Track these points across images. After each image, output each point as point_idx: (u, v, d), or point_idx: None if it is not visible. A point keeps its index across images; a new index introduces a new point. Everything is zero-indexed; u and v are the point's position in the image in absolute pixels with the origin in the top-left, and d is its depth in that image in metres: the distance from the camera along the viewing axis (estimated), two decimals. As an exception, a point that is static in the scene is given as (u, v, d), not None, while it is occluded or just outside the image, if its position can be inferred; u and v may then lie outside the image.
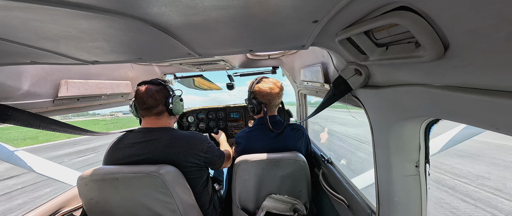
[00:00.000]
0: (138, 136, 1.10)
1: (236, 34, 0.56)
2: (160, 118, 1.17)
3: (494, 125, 0.34)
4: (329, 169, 1.37)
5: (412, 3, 0.34)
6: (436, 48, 0.36)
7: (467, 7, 0.28)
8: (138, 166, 1.00)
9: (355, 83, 0.73)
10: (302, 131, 1.43)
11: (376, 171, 0.78)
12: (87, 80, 1.16)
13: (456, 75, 0.38)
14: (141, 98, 1.10)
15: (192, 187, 1.11)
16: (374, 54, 0.56)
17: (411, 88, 0.51)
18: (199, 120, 2.60)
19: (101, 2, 0.29)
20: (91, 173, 0.97)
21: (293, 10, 0.41)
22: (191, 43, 0.59)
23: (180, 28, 0.44)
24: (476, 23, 0.29)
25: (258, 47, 0.71)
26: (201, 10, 0.34)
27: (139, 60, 0.71)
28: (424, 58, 0.39)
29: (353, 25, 0.50)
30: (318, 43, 0.71)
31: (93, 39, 0.46)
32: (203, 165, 1.16)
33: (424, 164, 0.64)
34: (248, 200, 1.38)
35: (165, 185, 0.96)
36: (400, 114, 0.60)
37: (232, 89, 2.35)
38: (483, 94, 0.34)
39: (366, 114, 0.77)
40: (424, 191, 0.67)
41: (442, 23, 0.33)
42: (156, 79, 1.19)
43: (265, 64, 1.99)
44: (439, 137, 1.27)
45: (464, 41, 0.32)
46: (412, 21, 0.35)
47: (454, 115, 0.43)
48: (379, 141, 0.73)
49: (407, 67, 0.49)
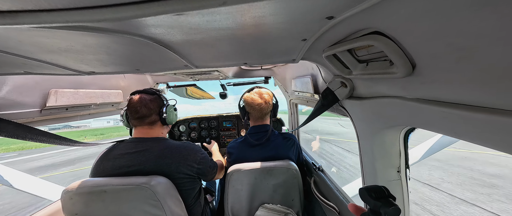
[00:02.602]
0: (129, 146, 1.08)
1: (232, 50, 0.60)
2: (153, 128, 1.16)
3: (456, 133, 0.40)
4: (321, 177, 1.40)
5: (383, 29, 0.40)
6: (406, 66, 0.42)
7: (424, 35, 0.34)
8: (128, 177, 0.97)
9: (341, 94, 0.79)
10: (293, 140, 1.47)
11: (363, 178, 0.82)
12: (78, 89, 1.15)
13: (424, 89, 0.45)
14: (134, 108, 1.09)
15: (184, 199, 1.09)
16: (357, 69, 0.62)
17: (389, 100, 0.57)
18: (191, 129, 2.58)
19: (111, 26, 0.32)
20: (77, 186, 0.93)
21: (285, 30, 0.47)
22: (189, 57, 0.63)
23: (181, 44, 0.48)
24: (432, 48, 0.35)
25: (252, 61, 0.76)
26: (204, 30, 0.38)
27: (136, 71, 0.72)
28: (397, 74, 0.45)
29: (337, 44, 0.56)
30: (307, 58, 0.77)
31: (95, 53, 0.48)
32: (196, 176, 1.15)
33: (405, 169, 0.70)
34: (241, 210, 1.36)
35: (156, 197, 0.94)
36: (382, 123, 0.66)
37: (225, 98, 2.38)
38: (445, 106, 0.40)
39: (353, 123, 0.83)
40: (406, 195, 0.72)
41: (408, 46, 0.39)
42: (150, 88, 1.19)
43: (258, 74, 2.05)
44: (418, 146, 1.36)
45: (427, 62, 0.39)
46: (384, 44, 0.41)
47: (426, 125, 0.49)
48: (364, 148, 0.78)
49: (385, 81, 0.56)
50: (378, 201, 0.41)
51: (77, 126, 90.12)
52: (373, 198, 0.43)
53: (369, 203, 0.43)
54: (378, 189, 0.45)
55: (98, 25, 0.30)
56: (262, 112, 1.43)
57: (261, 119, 1.46)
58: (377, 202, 0.42)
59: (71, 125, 77.55)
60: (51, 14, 0.23)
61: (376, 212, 0.41)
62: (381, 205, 0.40)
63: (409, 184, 0.71)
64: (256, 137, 1.42)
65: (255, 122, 1.48)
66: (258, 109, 1.42)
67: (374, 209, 0.41)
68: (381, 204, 0.41)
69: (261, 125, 1.46)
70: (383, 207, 0.40)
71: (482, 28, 0.26)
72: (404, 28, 0.36)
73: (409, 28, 0.35)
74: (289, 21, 0.39)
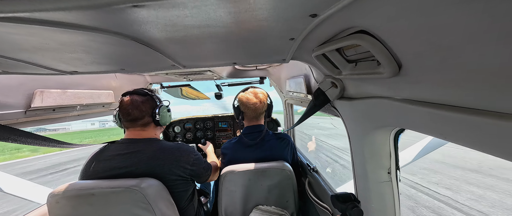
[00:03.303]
0: (121, 147, 1.06)
1: (219, 49, 0.59)
2: (146, 129, 1.13)
3: (442, 134, 0.39)
4: (315, 178, 1.39)
5: (369, 28, 0.39)
6: (392, 66, 0.41)
7: (408, 34, 0.33)
8: (117, 180, 0.95)
9: (332, 95, 0.78)
10: (287, 140, 1.46)
11: (355, 179, 0.81)
12: (65, 89, 1.12)
13: (411, 90, 0.44)
14: (126, 110, 1.07)
15: (176, 202, 1.07)
16: (346, 69, 0.61)
17: (378, 100, 0.57)
18: (186, 130, 2.55)
19: (81, 20, 0.30)
20: (64, 189, 0.90)
21: (270, 28, 0.45)
22: (174, 56, 0.61)
23: (162, 42, 0.46)
24: (416, 48, 0.34)
25: (241, 60, 0.75)
26: (181, 27, 0.36)
27: (122, 71, 0.70)
28: (384, 74, 0.44)
29: (325, 43, 0.55)
30: (298, 57, 0.76)
31: (73, 51, 0.46)
32: (189, 178, 1.13)
33: (395, 170, 0.69)
34: (235, 212, 1.35)
35: (146, 200, 0.92)
36: (372, 124, 0.65)
37: (220, 98, 2.36)
38: (431, 107, 0.39)
39: (344, 124, 0.82)
40: (396, 196, 0.71)
41: (393, 45, 0.38)
42: (142, 89, 1.16)
43: (253, 74, 2.04)
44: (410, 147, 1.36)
45: (412, 62, 0.38)
46: (370, 43, 0.40)
47: (413, 126, 0.48)
48: (356, 149, 0.77)
49: (373, 81, 0.55)
50: (344, 204, 0.54)
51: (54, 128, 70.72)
52: (340, 202, 0.55)
53: (337, 207, 0.55)
54: (346, 195, 0.59)
55: (54, 17, 0.28)
56: (256, 112, 1.42)
57: (255, 119, 1.45)
58: (343, 205, 0.54)
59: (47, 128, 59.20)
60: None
61: (343, 215, 0.52)
62: (346, 208, 0.53)
63: (400, 186, 0.70)
64: (251, 137, 1.41)
65: (250, 122, 1.47)
66: (253, 109, 1.40)
67: (342, 212, 0.53)
68: (346, 207, 0.53)
69: (256, 125, 1.45)
70: (348, 210, 0.53)
71: (467, 27, 0.25)
72: (388, 26, 0.35)
73: (393, 26, 0.34)
74: (272, 18, 0.38)
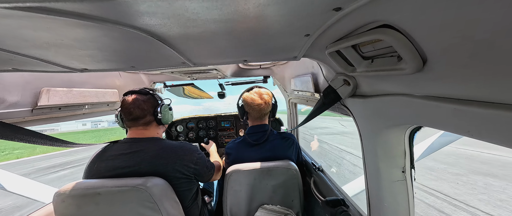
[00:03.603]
0: (124, 147, 1.05)
1: (231, 45, 0.58)
2: (148, 128, 1.13)
3: (468, 131, 0.38)
4: (320, 177, 1.38)
5: (394, 22, 0.38)
6: (416, 62, 0.40)
7: (437, 27, 0.32)
8: (123, 179, 0.94)
9: (344, 93, 0.77)
10: (292, 139, 1.45)
11: (366, 177, 0.80)
12: (71, 88, 1.11)
13: (434, 86, 0.43)
14: (127, 109, 1.06)
15: (181, 201, 1.06)
16: (361, 66, 0.60)
17: (394, 97, 0.56)
18: (189, 129, 2.54)
19: (102, 13, 0.29)
20: (70, 188, 0.90)
21: (287, 25, 0.44)
22: (186, 53, 0.60)
23: (178, 38, 0.45)
24: (445, 41, 0.33)
25: (251, 58, 0.74)
26: (201, 23, 0.35)
27: (131, 68, 0.69)
28: (405, 70, 0.43)
29: (341, 39, 0.54)
30: (309, 55, 0.75)
31: (85, 47, 0.45)
32: (193, 177, 1.12)
33: (410, 169, 0.68)
34: (240, 211, 1.34)
35: (153, 199, 0.91)
36: (386, 122, 0.64)
37: (223, 98, 2.35)
38: (456, 103, 0.38)
39: (355, 122, 0.81)
40: (411, 196, 0.70)
41: (419, 40, 0.37)
42: (143, 88, 1.16)
43: (256, 73, 2.03)
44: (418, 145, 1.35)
45: (438, 57, 0.37)
46: (394, 38, 0.39)
47: (433, 123, 0.47)
48: (367, 148, 0.76)
49: (391, 78, 0.54)
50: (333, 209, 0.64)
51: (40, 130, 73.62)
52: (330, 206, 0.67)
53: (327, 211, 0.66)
54: (336, 200, 0.71)
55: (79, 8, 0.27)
56: (261, 112, 1.41)
57: (260, 119, 1.45)
58: (333, 210, 0.65)
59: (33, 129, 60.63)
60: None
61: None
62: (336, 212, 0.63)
63: (414, 185, 0.69)
64: (255, 137, 1.40)
65: (254, 122, 1.46)
66: (257, 110, 1.40)
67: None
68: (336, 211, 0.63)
69: (260, 125, 1.44)
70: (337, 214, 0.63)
71: (501, 18, 0.24)
72: (416, 20, 0.34)
73: (421, 19, 0.33)
74: (292, 12, 0.37)
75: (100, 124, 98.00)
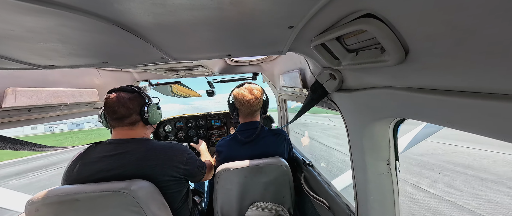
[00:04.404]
0: (108, 148, 0.99)
1: (212, 38, 0.55)
2: (134, 128, 1.07)
3: (450, 122, 0.38)
4: (310, 173, 1.39)
5: (376, 11, 0.37)
6: (399, 53, 0.39)
7: (418, 16, 0.31)
8: (105, 183, 0.89)
9: (330, 87, 0.76)
10: (283, 135, 1.44)
11: (353, 171, 0.81)
12: (42, 87, 1.02)
13: (416, 77, 0.42)
14: (111, 107, 1.00)
15: (170, 203, 1.02)
16: (346, 59, 0.59)
17: (379, 90, 0.55)
18: (178, 129, 2.47)
19: None
20: (44, 195, 0.83)
21: (268, 14, 0.42)
22: (164, 47, 0.56)
23: (151, 29, 0.41)
24: (429, 29, 0.32)
25: (236, 52, 0.71)
26: (172, 9, 0.32)
27: (104, 64, 0.64)
28: (388, 62, 0.43)
29: (326, 31, 0.53)
30: (295, 49, 0.73)
31: (45, 40, 0.40)
32: (183, 178, 1.08)
33: (394, 161, 0.69)
34: (231, 210, 1.32)
35: (137, 202, 0.87)
36: (372, 115, 0.64)
37: (212, 95, 2.30)
38: (438, 94, 0.38)
39: (342, 117, 0.81)
40: (396, 187, 0.71)
41: (402, 29, 0.36)
42: (129, 86, 1.09)
43: (245, 70, 2.00)
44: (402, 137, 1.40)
45: (421, 47, 0.36)
46: (377, 28, 0.38)
47: (416, 114, 0.47)
48: (354, 142, 0.76)
49: (375, 71, 0.53)
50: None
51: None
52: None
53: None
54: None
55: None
56: (252, 108, 1.39)
57: (251, 115, 1.43)
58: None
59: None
60: None
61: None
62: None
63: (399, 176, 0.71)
64: (246, 134, 1.38)
65: (245, 118, 1.44)
66: (247, 106, 1.37)
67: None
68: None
69: (251, 122, 1.43)
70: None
71: (483, 4, 0.24)
72: (397, 8, 0.33)
73: (403, 8, 0.32)
74: (272, 0, 0.34)
75: (57, 127, 79.54)
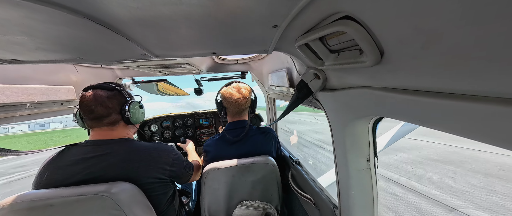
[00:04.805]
0: (85, 150, 0.93)
1: (195, 35, 0.54)
2: (115, 128, 1.01)
3: (420, 120, 0.41)
4: (298, 170, 1.42)
5: (353, 13, 0.38)
6: (374, 54, 0.41)
7: (392, 18, 0.33)
8: (82, 186, 0.84)
9: (315, 87, 0.78)
10: (271, 134, 1.46)
11: (336, 168, 0.84)
12: (10, 84, 0.94)
13: (390, 78, 0.45)
14: (88, 107, 0.93)
15: (155, 205, 0.99)
16: (329, 59, 0.61)
17: (359, 90, 0.58)
18: (164, 128, 2.40)
19: None
20: (12, 201, 0.77)
21: (251, 12, 0.42)
22: (145, 43, 0.54)
23: (128, 24, 0.39)
24: (399, 33, 0.34)
25: (221, 50, 0.70)
26: (147, 3, 0.31)
27: (79, 60, 0.60)
28: (366, 63, 0.45)
29: (309, 32, 0.54)
30: (281, 48, 0.74)
31: (7, 32, 0.37)
32: (168, 180, 1.05)
33: (373, 158, 0.73)
34: (219, 210, 1.31)
35: (118, 206, 0.83)
36: (353, 114, 0.67)
37: (200, 94, 2.26)
38: (409, 94, 0.40)
39: (326, 115, 0.84)
40: (374, 182, 0.75)
41: (377, 32, 0.38)
42: (107, 83, 1.03)
43: (234, 68, 1.98)
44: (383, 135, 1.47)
45: (394, 49, 0.38)
46: (355, 29, 0.39)
47: (391, 113, 0.50)
48: (337, 140, 0.79)
49: (355, 71, 0.55)
50: None
51: None
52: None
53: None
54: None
55: None
56: (240, 107, 1.38)
57: (239, 114, 1.42)
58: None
59: None
60: None
61: None
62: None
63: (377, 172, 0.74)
64: (234, 133, 1.37)
65: (233, 117, 1.43)
66: (235, 104, 1.37)
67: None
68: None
69: (239, 120, 1.42)
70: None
71: (450, 9, 0.25)
72: (373, 10, 0.35)
73: (377, 10, 0.34)
74: None
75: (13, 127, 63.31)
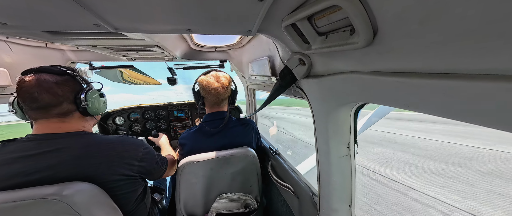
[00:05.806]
0: (27, 146, 0.75)
1: (167, 5, 0.44)
2: (67, 120, 0.84)
3: (406, 104, 0.40)
4: (277, 160, 1.43)
5: None
6: (368, 32, 0.39)
7: None
8: (24, 189, 0.68)
9: (299, 73, 0.75)
10: (251, 125, 1.42)
11: (317, 156, 0.85)
12: None
13: (380, 61, 0.44)
14: (29, 94, 0.74)
15: (121, 205, 0.87)
16: (316, 42, 0.58)
17: (345, 75, 0.57)
18: (132, 121, 2.16)
19: None
20: None
21: None
22: (98, 9, 0.42)
23: None
24: (398, 6, 0.31)
25: (198, 27, 0.61)
26: None
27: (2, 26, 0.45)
28: (357, 44, 0.42)
29: (298, 9, 0.50)
30: (265, 30, 0.69)
31: None
32: (138, 176, 0.93)
33: (353, 144, 0.75)
34: (196, 205, 1.25)
35: (74, 210, 0.70)
36: (336, 101, 0.66)
37: (174, 84, 2.08)
38: (398, 76, 0.40)
39: (309, 104, 0.82)
40: (354, 169, 0.78)
41: (374, 5, 0.36)
42: (56, 65, 0.84)
43: (212, 56, 1.86)
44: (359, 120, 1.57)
45: (389, 26, 0.36)
46: (351, 3, 0.36)
47: (377, 98, 0.50)
48: (319, 128, 0.79)
49: (343, 55, 0.53)
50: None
51: None
52: None
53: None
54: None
55: None
56: (218, 97, 1.30)
57: (218, 105, 1.34)
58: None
59: None
60: None
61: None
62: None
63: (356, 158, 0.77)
64: (213, 125, 1.29)
65: (211, 108, 1.34)
66: (214, 94, 1.28)
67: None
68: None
69: (218, 112, 1.34)
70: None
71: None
72: None
73: None
74: None
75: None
